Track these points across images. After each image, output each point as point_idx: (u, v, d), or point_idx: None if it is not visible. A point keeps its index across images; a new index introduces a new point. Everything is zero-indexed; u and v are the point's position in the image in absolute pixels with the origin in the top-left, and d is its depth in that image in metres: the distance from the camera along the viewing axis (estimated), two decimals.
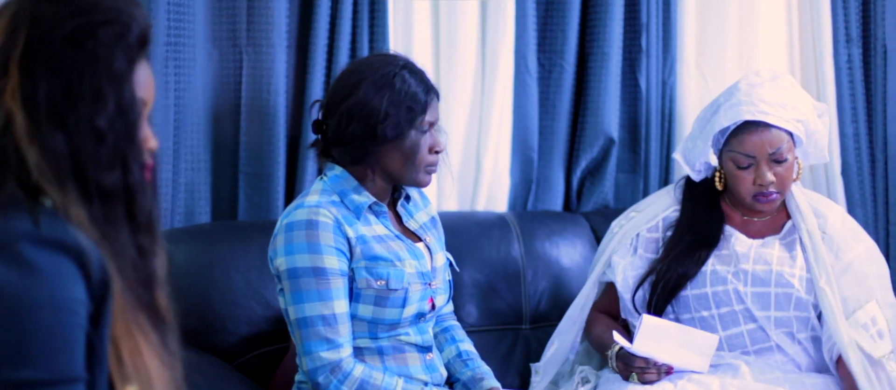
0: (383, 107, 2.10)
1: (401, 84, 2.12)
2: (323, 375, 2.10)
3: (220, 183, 2.78)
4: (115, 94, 1.26)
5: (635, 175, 3.19)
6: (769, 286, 2.50)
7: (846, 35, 3.29)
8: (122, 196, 1.27)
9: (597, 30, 3.09)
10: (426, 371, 2.23)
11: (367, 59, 2.23)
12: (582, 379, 2.58)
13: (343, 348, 2.10)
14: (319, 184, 2.19)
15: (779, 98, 2.49)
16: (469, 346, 2.38)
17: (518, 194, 3.11)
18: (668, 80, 3.20)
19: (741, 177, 2.51)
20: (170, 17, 2.59)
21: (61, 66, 1.24)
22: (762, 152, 2.47)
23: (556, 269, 2.92)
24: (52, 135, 1.23)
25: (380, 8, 2.82)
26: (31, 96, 1.23)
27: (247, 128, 2.76)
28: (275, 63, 2.74)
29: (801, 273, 2.51)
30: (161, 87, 2.60)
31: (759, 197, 2.51)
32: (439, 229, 2.36)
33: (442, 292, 2.27)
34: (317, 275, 2.09)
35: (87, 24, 1.26)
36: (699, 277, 2.53)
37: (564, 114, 3.12)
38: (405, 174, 2.17)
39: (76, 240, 1.20)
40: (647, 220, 2.63)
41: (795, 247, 2.55)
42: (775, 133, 2.47)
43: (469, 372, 2.32)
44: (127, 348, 1.25)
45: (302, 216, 2.12)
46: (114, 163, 1.25)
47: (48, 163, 1.23)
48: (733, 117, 2.49)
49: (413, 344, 2.22)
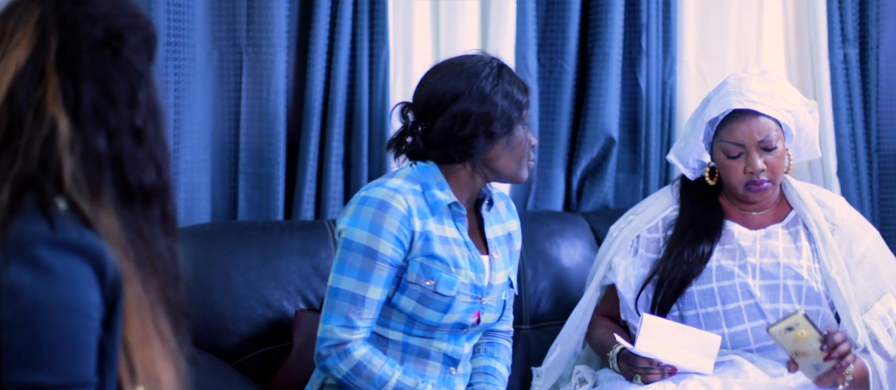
0: (499, 104, 2.14)
1: (506, 81, 2.17)
2: (325, 347, 2.12)
3: (220, 183, 2.78)
4: (145, 96, 1.28)
5: (635, 175, 3.19)
6: (778, 278, 2.50)
7: (842, 35, 3.30)
8: (159, 195, 1.29)
9: (597, 30, 3.09)
10: (441, 383, 2.22)
11: (461, 60, 2.22)
12: (579, 380, 2.58)
13: (358, 331, 2.12)
14: (407, 170, 2.20)
15: (767, 89, 2.51)
16: (499, 366, 2.35)
17: (518, 194, 3.11)
18: (668, 80, 3.20)
19: (732, 167, 2.51)
20: (170, 17, 2.59)
21: (100, 70, 1.25)
22: (751, 140, 2.48)
23: (556, 269, 2.92)
24: (95, 139, 1.23)
25: (380, 8, 2.81)
26: (75, 100, 1.23)
27: (246, 128, 2.75)
28: (275, 63, 2.73)
29: (809, 263, 2.51)
30: (160, 86, 2.59)
31: (750, 185, 2.51)
32: (513, 246, 2.35)
33: (493, 310, 2.25)
34: (367, 255, 2.11)
35: (117, 28, 1.27)
36: (705, 273, 2.52)
37: (565, 115, 3.12)
38: (513, 170, 2.20)
39: (92, 243, 1.20)
40: (647, 221, 2.63)
41: (800, 238, 2.55)
42: (763, 121, 2.49)
43: (482, 384, 2.30)
44: (141, 354, 1.25)
45: (378, 194, 2.13)
46: (149, 163, 1.27)
47: (87, 169, 1.23)
48: (722, 107, 2.51)
49: (442, 353, 2.21)
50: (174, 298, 1.29)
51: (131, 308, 1.24)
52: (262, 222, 2.73)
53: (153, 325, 1.26)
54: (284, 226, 2.69)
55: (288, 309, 2.58)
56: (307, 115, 2.78)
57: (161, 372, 1.26)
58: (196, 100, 2.68)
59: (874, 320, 2.46)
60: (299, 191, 2.78)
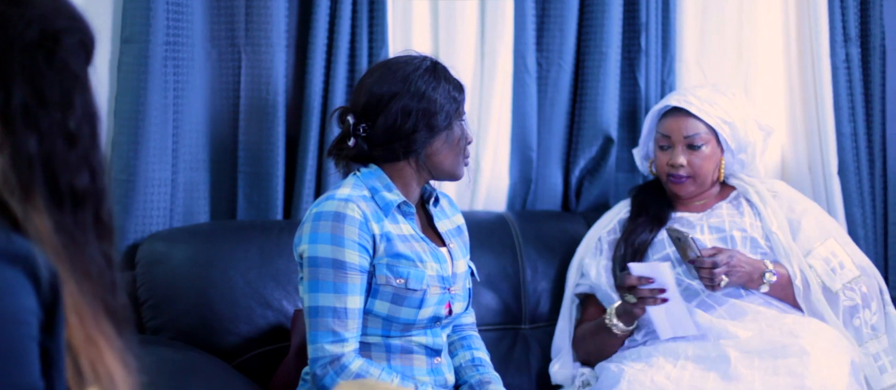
0: (439, 99, 2.19)
1: (443, 77, 2.22)
2: (321, 366, 2.12)
3: (219, 182, 2.78)
4: (80, 99, 1.27)
5: (634, 174, 3.19)
6: (725, 231, 2.67)
7: (844, 34, 3.30)
8: (92, 199, 1.27)
9: (595, 29, 3.09)
10: (430, 374, 2.24)
11: (396, 59, 2.27)
12: (583, 383, 2.63)
13: (348, 343, 2.13)
14: (352, 179, 2.22)
15: (710, 98, 2.72)
16: (483, 355, 2.39)
17: (517, 193, 3.11)
18: (667, 79, 3.20)
19: (659, 157, 2.76)
20: (169, 16, 2.59)
21: (33, 72, 1.24)
22: (678, 135, 2.71)
23: (555, 269, 2.92)
24: (25, 139, 1.22)
25: (379, 7, 2.81)
26: (5, 102, 1.22)
27: (245, 127, 2.75)
28: (274, 62, 2.73)
29: (751, 221, 2.69)
30: (160, 86, 2.59)
31: (671, 177, 2.72)
32: (465, 238, 2.39)
33: (461, 299, 2.29)
34: (336, 268, 2.12)
35: (53, 30, 1.26)
36: (657, 243, 2.69)
37: (563, 114, 3.12)
38: (451, 165, 2.24)
39: (21, 247, 1.18)
40: (606, 225, 2.81)
41: (742, 207, 2.73)
42: (693, 121, 2.70)
43: (477, 375, 2.33)
44: (86, 355, 1.23)
45: (331, 207, 2.15)
46: (82, 167, 1.26)
47: (17, 169, 1.21)
48: (664, 103, 2.77)
49: (423, 346, 2.23)
50: (112, 303, 1.26)
51: (69, 309, 1.22)
52: (261, 221, 2.73)
53: (95, 325, 1.24)
54: (283, 225, 2.69)
55: (287, 308, 2.58)
56: (306, 115, 2.78)
57: (112, 370, 1.24)
58: (195, 100, 2.68)
59: (817, 261, 2.64)
60: (298, 191, 2.78)
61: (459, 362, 2.36)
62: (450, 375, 2.30)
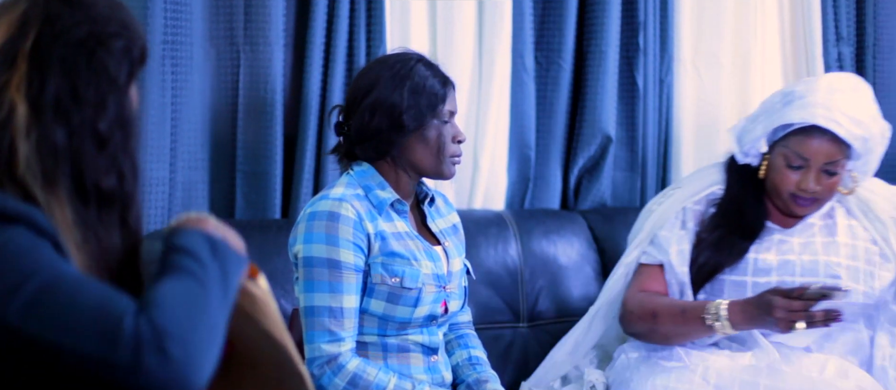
0: (405, 98, 2.15)
1: (418, 75, 2.18)
2: (318, 366, 2.12)
3: (218, 181, 2.78)
4: (115, 104, 1.31)
5: (633, 173, 3.19)
6: (818, 276, 2.45)
7: (837, 33, 3.31)
8: (119, 202, 1.31)
9: (594, 28, 3.09)
10: (427, 372, 2.24)
11: (383, 57, 2.28)
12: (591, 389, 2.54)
13: (344, 342, 2.13)
14: (345, 178, 2.22)
15: (855, 112, 2.41)
16: (480, 353, 2.39)
17: (515, 192, 3.11)
18: (665, 78, 3.21)
19: (786, 176, 2.45)
20: (167, 15, 2.59)
21: (71, 68, 1.28)
22: (818, 160, 2.42)
23: (553, 268, 2.92)
24: (53, 131, 1.26)
25: (377, 6, 2.81)
26: (38, 91, 1.26)
27: (244, 126, 2.75)
28: (272, 61, 2.73)
29: (848, 262, 2.47)
30: (158, 85, 2.59)
31: (798, 199, 2.45)
32: (460, 236, 2.38)
33: (456, 297, 2.28)
34: (331, 267, 2.12)
35: (100, 33, 1.31)
36: (740, 264, 2.48)
37: (562, 113, 3.12)
38: (431, 165, 2.21)
39: (16, 206, 1.23)
40: (692, 194, 2.58)
41: (836, 232, 2.51)
42: (838, 146, 2.40)
43: (475, 374, 2.33)
44: None
45: (325, 207, 2.15)
46: (111, 169, 1.30)
47: (41, 157, 1.25)
48: (806, 117, 2.40)
49: (419, 344, 2.23)
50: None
51: None
52: (259, 221, 2.73)
53: None
54: (281, 224, 2.69)
55: (285, 307, 2.58)
56: (304, 114, 2.78)
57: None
58: (193, 99, 2.68)
59: None
60: (296, 190, 2.78)
61: (456, 360, 2.36)
62: (447, 374, 2.30)
